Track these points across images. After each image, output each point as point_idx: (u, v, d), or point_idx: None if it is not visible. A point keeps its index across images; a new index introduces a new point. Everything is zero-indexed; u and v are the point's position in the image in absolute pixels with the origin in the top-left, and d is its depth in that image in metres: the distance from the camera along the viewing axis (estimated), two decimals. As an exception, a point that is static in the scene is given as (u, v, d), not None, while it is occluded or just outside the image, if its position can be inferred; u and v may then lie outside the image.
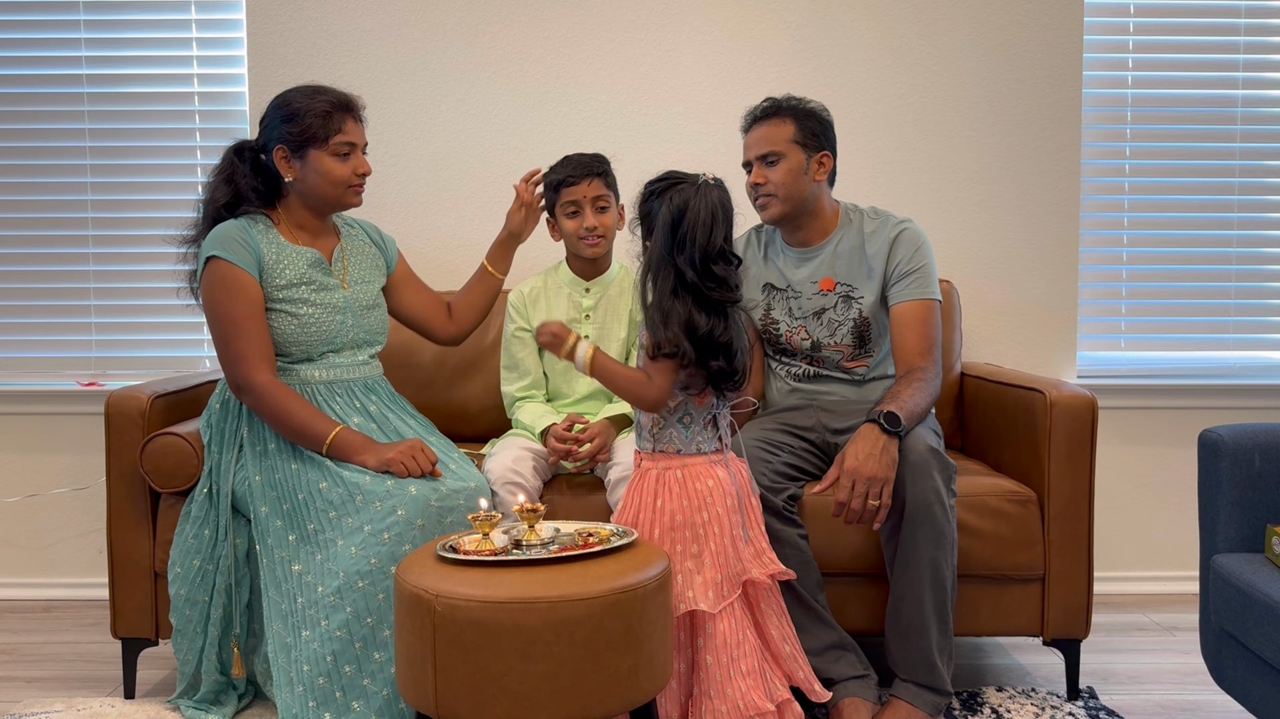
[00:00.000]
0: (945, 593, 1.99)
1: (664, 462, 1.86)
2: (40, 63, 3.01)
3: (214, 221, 2.12)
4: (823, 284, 2.28)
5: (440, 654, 1.50)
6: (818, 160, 2.24)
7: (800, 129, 2.23)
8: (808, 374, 2.33)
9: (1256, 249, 3.06)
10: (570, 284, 2.42)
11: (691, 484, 1.83)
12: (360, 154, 2.16)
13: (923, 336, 2.19)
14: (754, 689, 1.79)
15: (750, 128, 2.29)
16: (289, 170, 2.12)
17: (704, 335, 1.78)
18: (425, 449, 2.02)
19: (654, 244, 1.82)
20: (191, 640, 2.09)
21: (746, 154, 2.29)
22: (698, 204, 1.78)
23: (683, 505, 1.82)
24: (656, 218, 1.82)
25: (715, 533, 1.81)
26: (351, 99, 2.16)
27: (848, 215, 2.32)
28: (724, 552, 1.81)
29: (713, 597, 1.79)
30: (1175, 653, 2.54)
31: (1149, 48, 3.01)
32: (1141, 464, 3.04)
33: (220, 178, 2.15)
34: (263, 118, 2.16)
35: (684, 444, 1.86)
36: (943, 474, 1.98)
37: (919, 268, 2.22)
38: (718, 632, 1.80)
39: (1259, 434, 1.86)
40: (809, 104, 2.28)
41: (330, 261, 2.19)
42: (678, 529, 1.82)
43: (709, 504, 1.82)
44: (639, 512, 1.85)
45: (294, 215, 2.17)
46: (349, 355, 2.18)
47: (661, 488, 1.84)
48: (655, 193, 1.85)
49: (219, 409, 2.15)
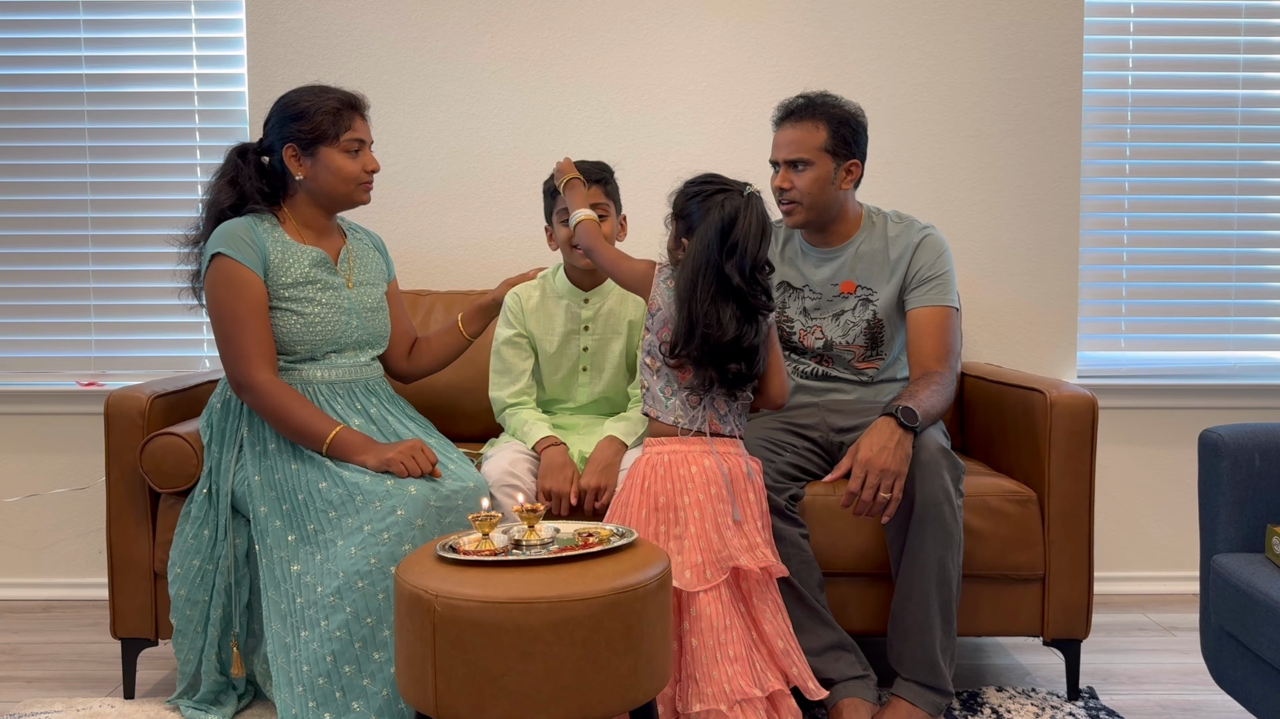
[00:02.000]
0: (950, 593, 1.99)
1: (656, 446, 1.92)
2: (40, 63, 3.01)
3: (217, 223, 2.12)
4: (843, 287, 2.28)
5: (440, 654, 1.50)
6: (846, 169, 2.22)
7: (832, 136, 2.19)
8: (816, 373, 2.33)
9: (1256, 249, 3.06)
10: (569, 294, 2.38)
11: (676, 469, 1.89)
12: (369, 151, 2.16)
13: (940, 343, 2.18)
14: (741, 675, 1.80)
15: (781, 124, 2.25)
16: (299, 169, 2.12)
17: (732, 339, 1.83)
18: (425, 449, 2.02)
19: (699, 247, 1.86)
20: (192, 640, 2.09)
21: (775, 153, 2.25)
22: (749, 215, 1.86)
23: (666, 488, 1.89)
24: (698, 220, 1.87)
25: (696, 517, 1.86)
26: (358, 97, 2.17)
27: (870, 218, 2.31)
28: (704, 535, 1.86)
29: (690, 576, 1.83)
30: (1175, 653, 2.54)
31: (1149, 48, 3.01)
32: (1141, 464, 3.04)
33: (224, 180, 2.15)
34: (267, 119, 2.16)
35: (663, 413, 1.92)
36: (952, 474, 1.98)
37: (940, 274, 2.22)
38: (702, 614, 1.81)
39: (1259, 434, 1.86)
40: (845, 108, 2.23)
41: (336, 262, 2.19)
42: (661, 510, 1.88)
43: (690, 489, 1.87)
44: (630, 491, 1.92)
45: (301, 214, 2.17)
46: (351, 356, 2.18)
47: (649, 470, 1.91)
48: (699, 195, 1.90)
49: (219, 408, 2.15)
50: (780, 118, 2.25)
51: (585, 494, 2.15)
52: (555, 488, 2.14)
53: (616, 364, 2.38)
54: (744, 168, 2.85)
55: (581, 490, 2.15)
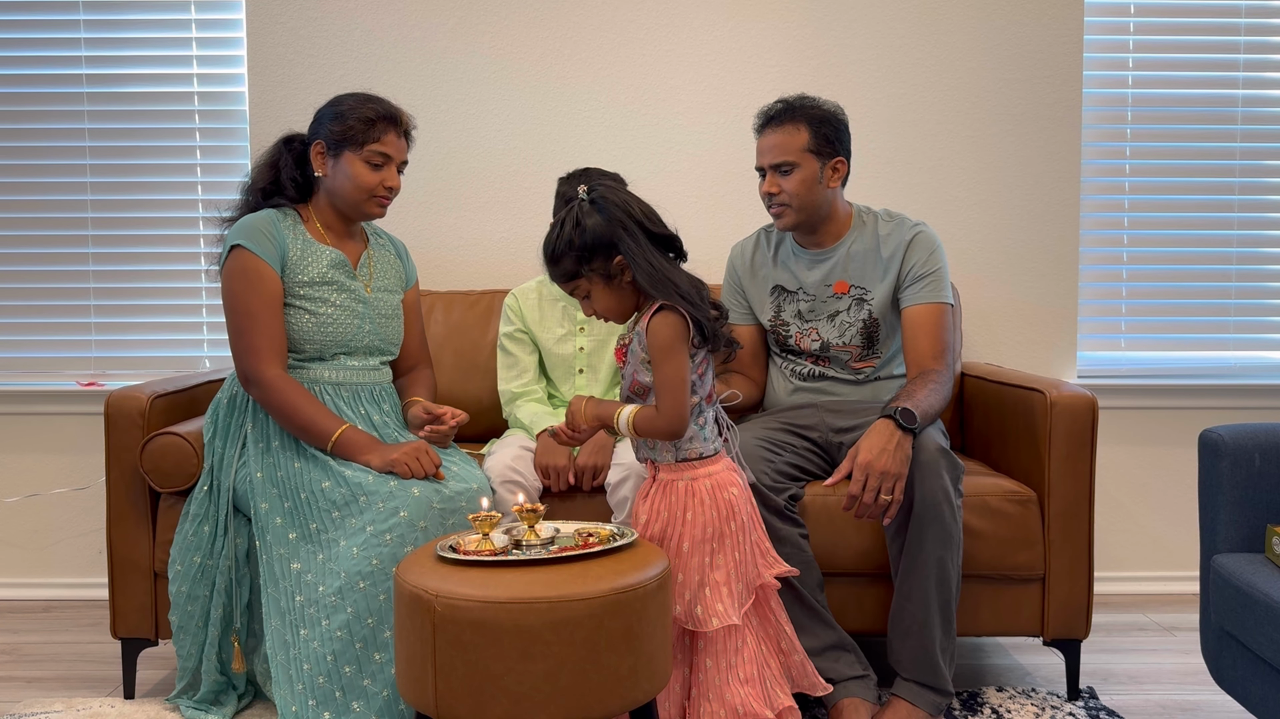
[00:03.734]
0: (950, 593, 1.99)
1: (689, 471, 1.80)
2: (40, 63, 3.00)
3: (250, 204, 2.15)
4: (837, 287, 2.28)
5: (440, 654, 1.50)
6: (831, 167, 2.22)
7: (814, 136, 2.19)
8: (813, 374, 2.33)
9: (1256, 249, 3.06)
10: (563, 297, 2.42)
11: (720, 494, 1.79)
12: (394, 169, 2.15)
13: (936, 340, 2.19)
14: (753, 697, 1.78)
15: (763, 130, 2.25)
16: (321, 167, 2.14)
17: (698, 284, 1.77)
18: (429, 451, 2.02)
19: (615, 234, 1.73)
20: (192, 637, 2.09)
21: (759, 159, 2.25)
22: (616, 191, 1.79)
23: (713, 517, 1.77)
24: (604, 232, 1.74)
25: (739, 542, 1.79)
26: (402, 115, 2.16)
27: (860, 217, 2.31)
28: (745, 560, 1.80)
29: (732, 609, 1.78)
30: (1175, 653, 2.54)
31: (1149, 48, 3.01)
32: (1141, 464, 3.04)
33: (266, 163, 2.19)
34: (316, 112, 2.17)
35: (704, 446, 1.81)
36: (951, 474, 1.98)
37: (933, 271, 2.22)
38: (716, 637, 1.79)
39: (1259, 434, 1.86)
40: (823, 107, 2.23)
41: (355, 266, 2.20)
42: (708, 541, 1.77)
43: (735, 514, 1.79)
44: (667, 525, 1.79)
45: (323, 215, 2.19)
46: (361, 360, 2.18)
47: (691, 499, 1.78)
48: (569, 242, 1.76)
49: (226, 403, 2.16)
50: (761, 124, 2.26)
51: (582, 474, 2.19)
52: (553, 463, 2.18)
53: (613, 365, 2.40)
54: (744, 167, 2.87)
55: (579, 469, 2.18)
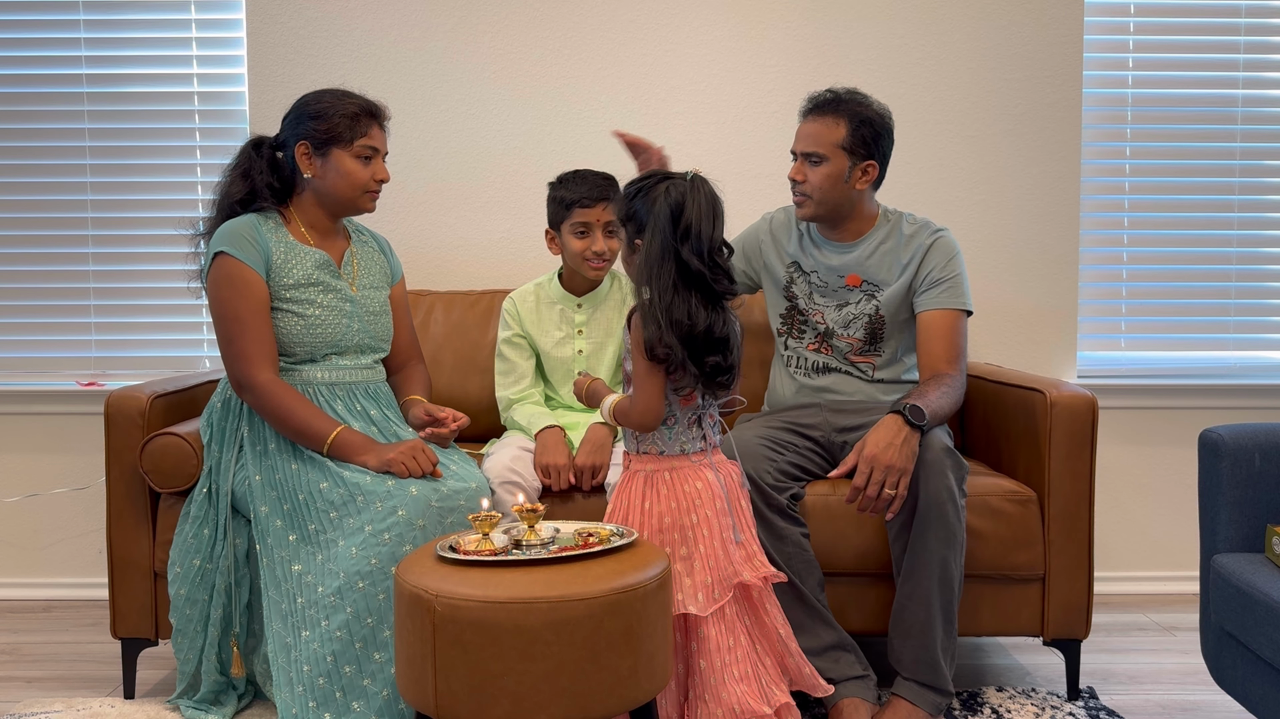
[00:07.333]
0: (952, 593, 1.99)
1: (651, 464, 1.84)
2: (40, 63, 3.00)
3: (227, 215, 2.13)
4: (849, 279, 2.28)
5: (440, 654, 1.50)
6: (861, 169, 2.20)
7: (851, 134, 2.17)
8: (816, 365, 2.32)
9: (1256, 249, 3.06)
10: (562, 299, 2.42)
11: (680, 486, 1.81)
12: (380, 161, 2.16)
13: (951, 345, 2.18)
14: (749, 694, 1.78)
15: (805, 116, 2.23)
16: (309, 167, 2.13)
17: (704, 330, 1.74)
18: (426, 450, 2.02)
19: (652, 239, 1.75)
20: (192, 640, 2.09)
21: (795, 144, 2.24)
22: (697, 197, 1.75)
23: (671, 507, 1.80)
24: (646, 216, 1.77)
25: (705, 535, 1.79)
26: (380, 107, 2.17)
27: (886, 216, 2.31)
28: (714, 554, 1.80)
29: (703, 599, 1.78)
30: (1175, 653, 2.54)
31: (1149, 48, 3.01)
32: (1141, 464, 3.04)
33: (237, 172, 2.16)
34: (286, 115, 2.17)
35: (667, 445, 1.83)
36: (956, 474, 1.98)
37: (951, 277, 2.22)
38: (709, 636, 1.79)
39: (1259, 434, 1.86)
40: (871, 107, 2.21)
41: (340, 265, 2.19)
42: (666, 531, 1.79)
43: (698, 506, 1.80)
44: (628, 513, 1.83)
45: (306, 215, 2.18)
46: (352, 359, 2.18)
47: (650, 489, 1.82)
48: (640, 191, 1.79)
49: (220, 408, 2.15)
50: (806, 110, 2.25)
51: (582, 474, 2.18)
52: (552, 462, 2.18)
53: (611, 368, 2.41)
54: (744, 167, 2.87)
55: (578, 469, 2.18)
